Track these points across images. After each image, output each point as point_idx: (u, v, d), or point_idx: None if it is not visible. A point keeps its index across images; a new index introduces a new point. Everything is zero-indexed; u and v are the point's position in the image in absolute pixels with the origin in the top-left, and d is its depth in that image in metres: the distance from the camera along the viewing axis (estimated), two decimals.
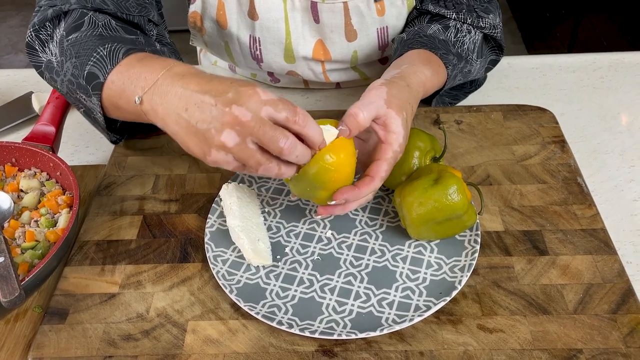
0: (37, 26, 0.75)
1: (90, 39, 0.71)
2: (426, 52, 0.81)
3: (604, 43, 2.70)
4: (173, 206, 0.78)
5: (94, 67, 0.68)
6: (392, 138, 0.67)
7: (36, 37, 0.76)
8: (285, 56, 0.92)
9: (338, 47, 0.91)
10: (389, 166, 0.67)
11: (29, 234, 0.71)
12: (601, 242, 0.71)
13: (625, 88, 0.98)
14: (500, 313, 0.64)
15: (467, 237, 0.71)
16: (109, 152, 0.90)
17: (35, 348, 0.63)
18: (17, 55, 3.03)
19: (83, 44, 0.70)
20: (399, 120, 0.67)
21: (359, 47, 0.91)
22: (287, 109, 0.58)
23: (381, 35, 0.90)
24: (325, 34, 0.90)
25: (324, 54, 0.92)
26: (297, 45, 0.90)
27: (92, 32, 0.71)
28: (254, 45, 0.90)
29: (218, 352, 0.62)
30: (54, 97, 0.85)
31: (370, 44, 0.91)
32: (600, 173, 0.83)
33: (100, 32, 0.71)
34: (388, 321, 0.63)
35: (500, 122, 0.88)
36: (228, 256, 0.71)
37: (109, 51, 0.68)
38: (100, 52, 0.68)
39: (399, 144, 0.67)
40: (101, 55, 0.68)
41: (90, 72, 0.68)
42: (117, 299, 0.68)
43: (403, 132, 0.68)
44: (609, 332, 0.62)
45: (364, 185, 0.66)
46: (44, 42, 0.76)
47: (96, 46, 0.69)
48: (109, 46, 0.68)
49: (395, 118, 0.67)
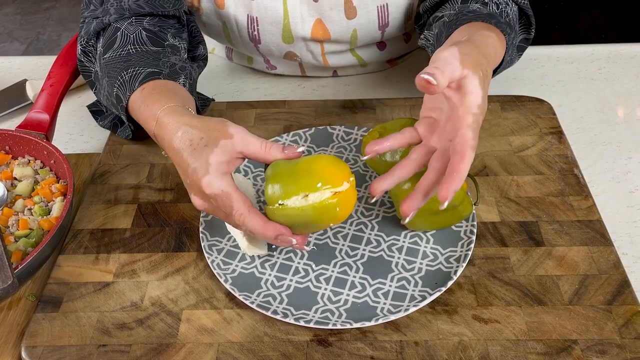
0: (84, 39, 0.83)
1: (118, 61, 0.77)
2: (480, 23, 0.73)
3: (602, 36, 2.69)
4: (168, 195, 0.78)
5: (118, 90, 0.75)
6: (470, 100, 0.59)
7: (82, 51, 0.84)
8: (284, 36, 0.91)
9: (337, 25, 0.90)
10: (474, 132, 0.58)
11: (22, 222, 0.71)
12: (597, 233, 0.70)
13: (623, 80, 0.98)
14: (495, 304, 0.64)
15: (463, 228, 0.71)
16: (103, 141, 0.90)
17: (29, 336, 0.63)
18: (13, 44, 3.01)
19: (112, 65, 0.78)
20: (476, 80, 0.59)
21: (359, 26, 0.91)
22: (223, 206, 0.61)
23: (381, 14, 0.90)
24: (324, 12, 0.89)
25: (322, 33, 0.91)
26: (296, 25, 0.90)
27: (122, 52, 0.78)
28: (252, 26, 0.90)
29: (213, 341, 0.62)
30: (48, 84, 0.85)
31: (370, 22, 0.91)
32: (597, 164, 0.83)
33: (128, 51, 0.78)
34: (383, 311, 0.63)
35: (498, 113, 0.88)
36: (223, 245, 0.71)
37: (130, 77, 0.75)
38: (124, 76, 0.75)
39: (477, 105, 0.59)
40: (123, 80, 0.75)
41: (116, 94, 0.76)
42: (111, 287, 0.68)
43: (481, 92, 0.59)
44: (604, 323, 0.62)
45: (461, 164, 0.57)
46: (88, 55, 0.84)
47: (121, 70, 0.76)
48: (131, 71, 0.75)
49: (471, 77, 0.59)
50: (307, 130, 0.84)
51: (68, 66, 0.87)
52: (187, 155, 0.63)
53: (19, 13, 3.23)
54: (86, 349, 0.62)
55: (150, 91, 0.73)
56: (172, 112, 0.67)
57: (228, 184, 0.61)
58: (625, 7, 2.80)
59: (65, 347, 0.62)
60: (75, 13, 3.21)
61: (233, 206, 0.61)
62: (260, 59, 1.01)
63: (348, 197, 0.61)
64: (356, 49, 0.96)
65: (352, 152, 0.82)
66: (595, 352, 0.60)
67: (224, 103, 0.92)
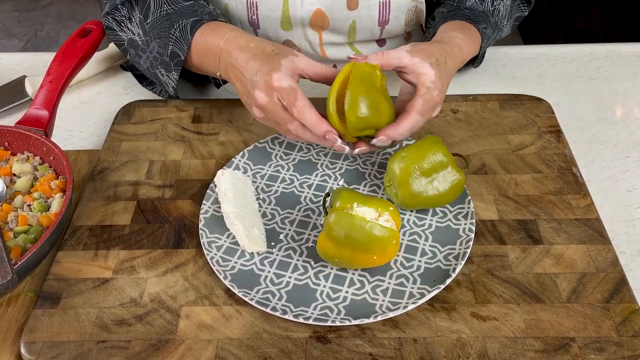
0: (110, 10, 0.88)
1: (162, 21, 0.84)
2: (459, 21, 0.85)
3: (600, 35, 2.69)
4: (167, 192, 0.78)
5: (174, 47, 0.83)
6: (423, 78, 0.72)
7: (113, 20, 0.89)
8: (282, 22, 0.91)
9: (337, 14, 0.90)
10: (424, 101, 0.71)
11: (21, 218, 0.71)
12: (595, 231, 0.71)
13: (621, 79, 0.98)
14: (494, 301, 0.64)
15: (461, 226, 0.71)
16: (102, 137, 0.90)
17: (28, 332, 0.63)
18: (11, 40, 3.01)
19: (159, 27, 0.84)
20: (426, 63, 0.72)
21: (359, 18, 0.91)
22: (288, 99, 0.70)
23: (382, 10, 0.90)
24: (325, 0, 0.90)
25: (321, 20, 0.91)
26: (295, 12, 0.90)
27: (161, 13, 0.85)
28: (251, 10, 0.91)
29: (212, 338, 0.62)
30: (47, 81, 0.84)
31: (370, 17, 0.91)
32: (595, 163, 0.83)
33: (167, 11, 0.85)
34: (382, 308, 0.64)
35: (497, 112, 0.88)
36: (222, 242, 0.71)
37: (180, 31, 0.82)
38: (175, 33, 0.82)
39: (430, 81, 0.72)
40: (176, 37, 0.82)
41: (172, 51, 0.83)
42: (111, 284, 0.68)
43: (434, 71, 0.72)
44: (601, 321, 0.62)
45: (403, 120, 0.71)
46: (120, 23, 0.89)
47: (169, 28, 0.83)
48: (177, 25, 0.82)
49: (421, 62, 0.72)
50: None
51: (67, 62, 0.87)
52: (258, 59, 0.73)
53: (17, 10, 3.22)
54: (85, 344, 0.62)
55: (203, 32, 0.81)
56: (240, 32, 0.79)
57: (295, 83, 0.71)
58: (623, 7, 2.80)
59: (65, 343, 0.62)
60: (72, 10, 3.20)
61: (297, 98, 0.69)
62: None
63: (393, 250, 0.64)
64: (355, 43, 0.96)
65: None
66: (593, 349, 0.60)
67: (223, 100, 0.92)
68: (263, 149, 0.82)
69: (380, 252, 0.63)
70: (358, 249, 0.63)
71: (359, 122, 0.69)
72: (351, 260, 0.64)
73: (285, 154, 0.82)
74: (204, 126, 0.88)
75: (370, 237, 0.62)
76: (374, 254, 0.63)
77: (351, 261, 0.64)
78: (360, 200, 0.63)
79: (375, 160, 0.81)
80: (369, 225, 0.62)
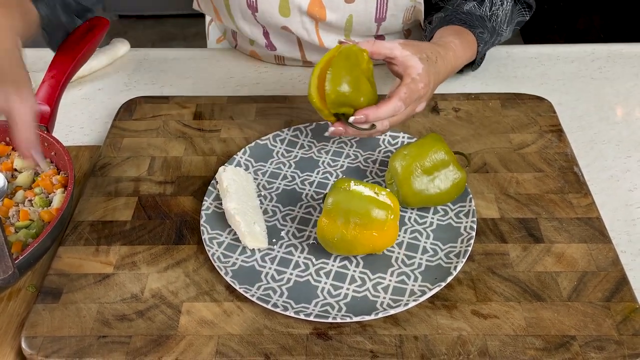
0: None
1: None
2: (456, 27, 0.86)
3: (601, 36, 2.70)
4: (168, 188, 0.78)
5: None
6: (410, 69, 0.73)
7: None
8: (280, 7, 0.91)
9: (335, 5, 0.90)
10: (408, 90, 0.72)
11: (22, 213, 0.71)
12: (596, 230, 0.71)
13: (623, 79, 0.98)
14: (494, 299, 0.64)
15: (462, 224, 0.71)
16: (104, 133, 0.90)
17: (29, 327, 0.63)
18: None
19: None
20: (415, 57, 0.73)
21: (356, 12, 0.91)
22: None
23: (380, 7, 0.90)
24: None
25: (319, 10, 0.91)
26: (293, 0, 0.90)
27: None
28: None
29: (213, 334, 0.62)
30: (49, 76, 0.84)
31: (367, 11, 0.91)
32: (596, 163, 0.83)
33: None
34: (383, 305, 0.64)
35: (498, 111, 0.88)
36: (223, 239, 0.71)
37: None
38: None
39: (417, 73, 0.73)
40: None
41: None
42: (112, 279, 0.68)
43: (422, 65, 0.73)
44: (602, 320, 0.62)
45: (383, 104, 0.71)
46: None
47: None
48: None
49: (411, 56, 0.73)
50: (308, 125, 0.85)
51: (69, 58, 0.87)
52: None
53: None
54: (86, 339, 0.62)
55: None
56: None
57: None
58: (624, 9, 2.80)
59: (65, 338, 0.62)
60: None
61: None
62: (261, 39, 1.00)
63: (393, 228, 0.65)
64: (352, 36, 0.96)
65: (352, 148, 0.82)
66: (593, 348, 0.60)
67: (224, 97, 0.92)
68: (264, 146, 0.82)
69: (379, 227, 0.64)
70: (358, 225, 0.63)
71: (337, 98, 0.70)
72: (352, 239, 0.64)
73: (287, 151, 0.82)
74: (206, 123, 0.88)
75: (368, 210, 0.63)
76: (372, 229, 0.64)
77: (352, 239, 0.64)
78: (356, 181, 0.66)
79: (377, 158, 0.81)
80: (366, 198, 0.64)
